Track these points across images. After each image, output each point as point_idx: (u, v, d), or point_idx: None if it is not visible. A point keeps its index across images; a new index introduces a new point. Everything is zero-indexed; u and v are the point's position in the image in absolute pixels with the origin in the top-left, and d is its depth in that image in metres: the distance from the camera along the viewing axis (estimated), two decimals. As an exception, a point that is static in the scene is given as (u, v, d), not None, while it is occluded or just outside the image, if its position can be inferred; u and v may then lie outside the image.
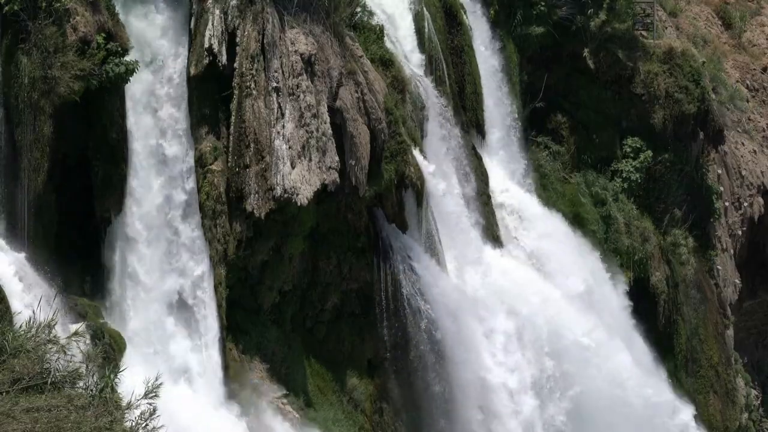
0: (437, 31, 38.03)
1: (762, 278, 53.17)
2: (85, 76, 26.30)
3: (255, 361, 30.72)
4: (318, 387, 32.10)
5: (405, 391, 33.86)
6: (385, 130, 32.03)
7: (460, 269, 35.82)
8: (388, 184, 32.64)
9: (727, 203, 49.63)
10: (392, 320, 33.19)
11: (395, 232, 33.61)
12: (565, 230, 41.65)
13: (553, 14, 42.94)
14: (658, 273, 44.50)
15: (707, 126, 46.80)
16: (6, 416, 12.51)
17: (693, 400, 44.13)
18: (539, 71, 43.79)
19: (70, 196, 27.51)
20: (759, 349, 54.84)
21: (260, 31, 29.90)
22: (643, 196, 45.39)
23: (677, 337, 45.25)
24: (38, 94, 26.00)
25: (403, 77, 34.91)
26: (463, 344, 34.33)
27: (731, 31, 56.50)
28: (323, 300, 32.74)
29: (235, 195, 29.63)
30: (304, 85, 30.31)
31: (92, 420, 12.99)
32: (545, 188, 42.81)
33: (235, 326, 30.42)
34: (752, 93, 54.61)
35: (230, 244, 29.66)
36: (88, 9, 26.70)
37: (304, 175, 29.85)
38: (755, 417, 50.99)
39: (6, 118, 26.24)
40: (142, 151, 28.53)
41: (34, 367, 13.28)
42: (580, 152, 44.83)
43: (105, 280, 28.17)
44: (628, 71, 45.35)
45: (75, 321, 25.70)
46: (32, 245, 26.14)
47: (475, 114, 39.87)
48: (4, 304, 23.62)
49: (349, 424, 32.17)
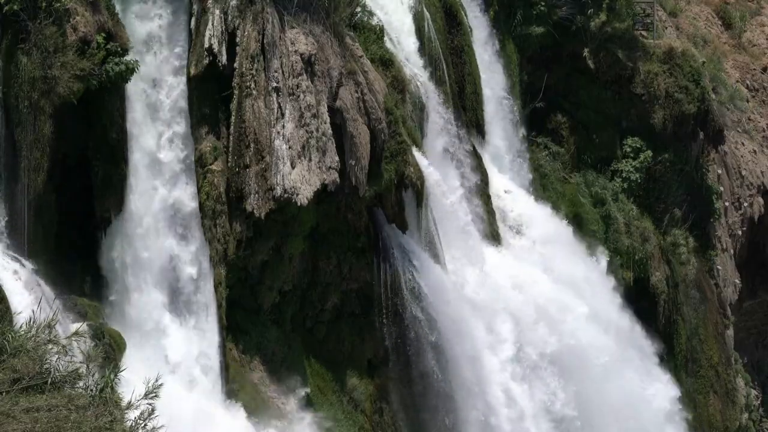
0: (437, 31, 38.02)
1: (762, 278, 53.18)
2: (85, 76, 26.30)
3: (255, 361, 30.72)
4: (318, 387, 32.10)
5: (405, 391, 33.86)
6: (385, 130, 32.02)
7: (460, 269, 35.81)
8: (388, 184, 32.63)
9: (727, 203, 49.63)
10: (392, 320, 33.18)
11: (395, 232, 33.60)
12: (564, 230, 41.65)
13: (553, 14, 42.94)
14: (658, 273, 44.50)
15: (707, 126, 46.80)
16: (6, 416, 12.51)
17: (693, 400, 44.14)
18: (539, 71, 43.80)
19: (70, 196, 27.49)
20: (759, 349, 54.85)
21: (260, 31, 29.89)
22: (643, 196, 45.39)
23: (677, 337, 45.24)
24: (38, 94, 25.99)
25: (403, 77, 34.91)
26: (463, 344, 34.32)
27: (731, 31, 56.50)
28: (323, 300, 32.73)
29: (235, 195, 29.62)
30: (304, 85, 30.30)
31: (92, 420, 12.99)
32: (545, 188, 42.82)
33: (235, 326, 30.41)
34: (752, 93, 54.61)
35: (230, 244, 29.65)
36: (88, 9, 26.69)
37: (304, 175, 29.85)
38: (755, 417, 51.00)
39: (6, 118, 26.23)
40: (141, 151, 28.53)
41: (34, 366, 13.28)
42: (580, 152, 44.83)
43: (105, 280, 28.15)
44: (628, 71, 45.35)
45: (75, 321, 25.69)
46: (32, 245, 26.14)
47: (475, 114, 39.86)
48: (4, 304, 23.62)
49: (349, 424, 32.17)
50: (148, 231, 28.62)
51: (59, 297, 25.35)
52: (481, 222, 37.74)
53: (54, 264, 26.36)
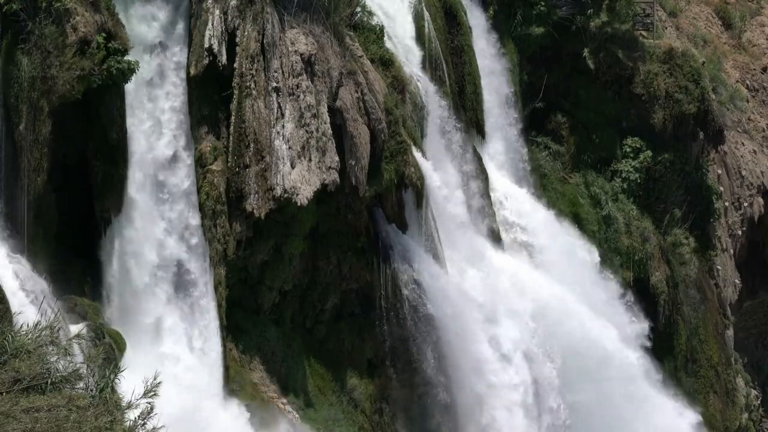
0: (437, 31, 38.03)
1: (762, 278, 53.16)
2: (85, 75, 26.30)
3: (255, 360, 30.73)
4: (318, 387, 32.11)
5: (405, 391, 33.85)
6: (385, 130, 32.04)
7: (460, 269, 35.81)
8: (388, 184, 32.64)
9: (727, 203, 49.61)
10: (392, 320, 33.18)
11: (395, 232, 33.61)
12: (564, 230, 41.66)
13: (553, 14, 42.93)
14: (658, 273, 44.49)
15: (707, 126, 46.77)
16: (6, 416, 12.51)
17: (693, 400, 44.14)
18: (539, 71, 43.78)
19: (70, 196, 27.50)
20: (759, 349, 54.83)
21: (260, 31, 29.90)
22: (643, 196, 45.36)
23: (677, 337, 45.23)
24: (38, 94, 26.00)
25: (403, 77, 34.90)
26: (463, 344, 34.33)
27: (731, 31, 56.47)
28: (323, 300, 32.74)
29: (235, 195, 29.63)
30: (304, 85, 30.31)
31: (92, 420, 12.99)
32: (545, 188, 42.82)
33: (235, 326, 30.42)
34: (752, 93, 54.59)
35: (230, 244, 29.66)
36: (88, 9, 26.69)
37: (304, 175, 29.86)
38: (755, 417, 50.98)
39: (6, 118, 26.24)
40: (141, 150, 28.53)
41: (35, 367, 13.28)
42: (580, 152, 44.82)
43: (105, 279, 28.15)
44: (628, 71, 45.33)
45: (75, 321, 25.71)
46: (32, 245, 26.15)
47: (475, 114, 39.87)
48: (4, 304, 23.63)
49: (348, 424, 32.17)
50: (148, 231, 28.62)
51: (59, 297, 25.37)
52: (481, 222, 37.74)
53: (54, 264, 26.36)
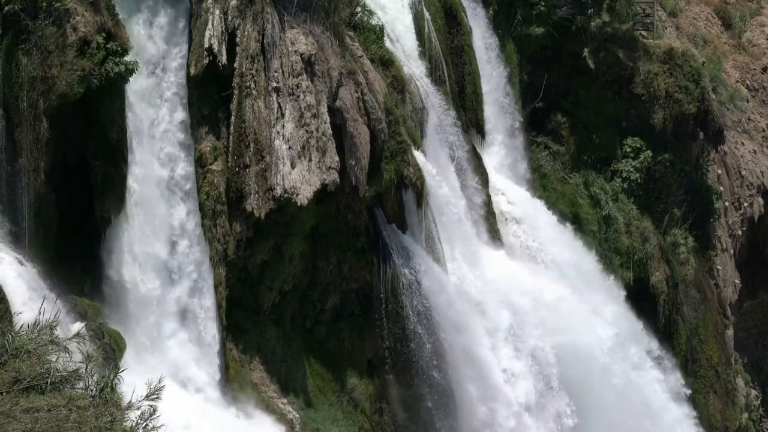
0: (437, 31, 38.03)
1: (762, 278, 53.18)
2: (85, 75, 26.28)
3: (255, 361, 30.72)
4: (318, 387, 32.10)
5: (405, 391, 33.85)
6: (385, 130, 32.03)
7: (460, 269, 35.81)
8: (388, 184, 32.64)
9: (727, 203, 49.63)
10: (392, 320, 33.18)
11: (395, 232, 33.61)
12: (564, 230, 41.67)
13: (553, 14, 42.96)
14: (658, 273, 44.50)
15: (707, 126, 46.79)
16: (6, 416, 12.51)
17: (693, 400, 44.15)
18: (539, 71, 43.80)
19: (70, 196, 27.49)
20: (759, 349, 54.84)
21: (260, 31, 29.89)
22: (643, 196, 45.38)
23: (677, 337, 45.24)
24: (38, 94, 25.98)
25: (403, 77, 34.90)
26: (463, 344, 34.33)
27: (731, 31, 56.48)
28: (323, 300, 32.74)
29: (235, 195, 29.62)
30: (304, 85, 30.31)
31: (92, 420, 12.99)
32: (545, 188, 42.83)
33: (235, 326, 30.42)
34: (752, 93, 54.60)
35: (230, 244, 29.65)
36: (88, 9, 26.67)
37: (304, 175, 29.86)
38: (755, 417, 51.00)
39: (6, 118, 26.23)
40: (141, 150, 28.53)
41: (35, 367, 13.28)
42: (580, 152, 44.84)
43: (104, 279, 28.14)
44: (628, 71, 45.35)
45: (75, 321, 25.68)
46: (32, 245, 26.13)
47: (475, 114, 39.88)
48: (4, 304, 23.62)
49: (348, 424, 32.17)
50: (149, 231, 28.61)
51: (59, 297, 25.35)
52: (481, 222, 37.75)
53: (54, 264, 26.35)
